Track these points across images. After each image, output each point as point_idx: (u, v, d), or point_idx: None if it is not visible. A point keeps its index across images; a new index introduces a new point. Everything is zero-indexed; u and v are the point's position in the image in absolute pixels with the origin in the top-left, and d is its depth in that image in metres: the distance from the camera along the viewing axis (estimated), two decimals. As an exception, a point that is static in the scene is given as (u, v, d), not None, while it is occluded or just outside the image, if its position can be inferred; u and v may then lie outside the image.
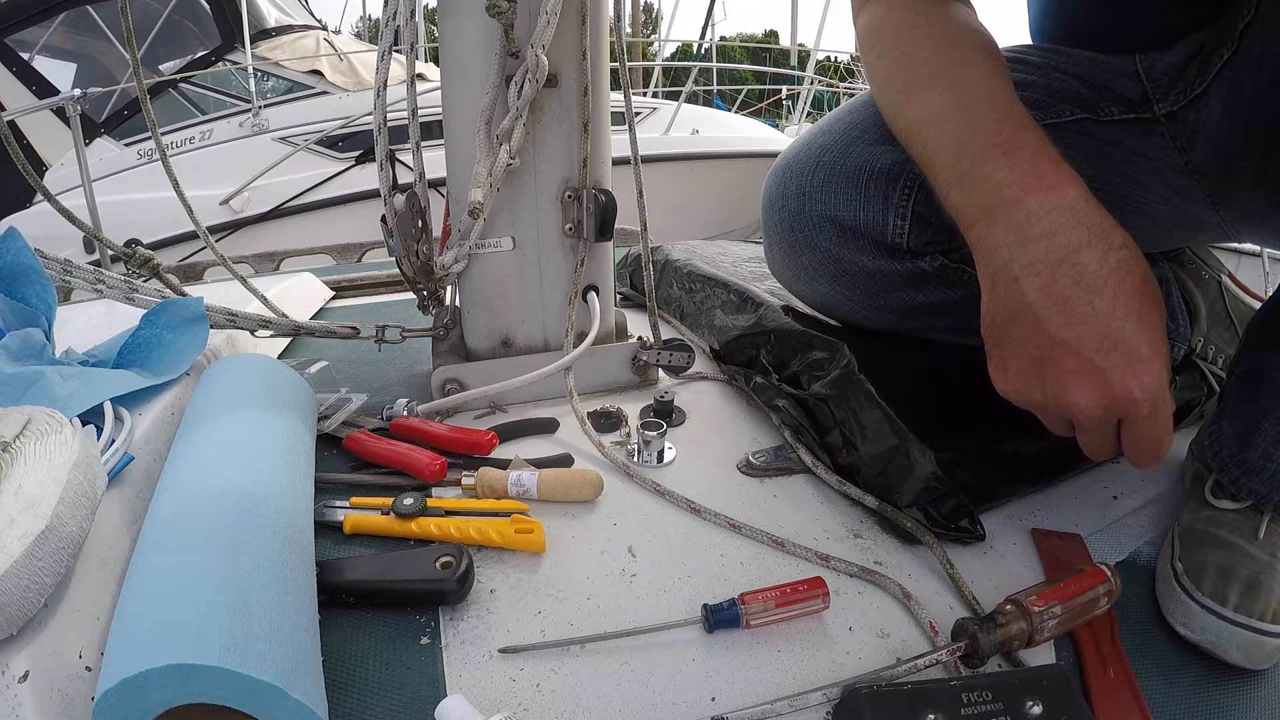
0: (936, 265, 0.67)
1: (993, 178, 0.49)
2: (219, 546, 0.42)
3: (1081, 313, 0.45)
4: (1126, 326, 0.44)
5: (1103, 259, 0.45)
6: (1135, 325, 0.44)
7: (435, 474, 0.64)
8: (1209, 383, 0.76)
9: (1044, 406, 0.49)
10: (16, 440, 0.45)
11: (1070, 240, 0.46)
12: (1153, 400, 0.45)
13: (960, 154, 0.51)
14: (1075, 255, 0.45)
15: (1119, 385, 0.45)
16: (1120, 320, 0.44)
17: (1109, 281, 0.45)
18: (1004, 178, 0.48)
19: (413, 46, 0.75)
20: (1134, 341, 0.44)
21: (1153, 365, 0.44)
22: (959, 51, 0.55)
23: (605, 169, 0.78)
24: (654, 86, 6.35)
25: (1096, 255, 0.45)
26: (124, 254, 0.84)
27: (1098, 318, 0.44)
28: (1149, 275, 0.45)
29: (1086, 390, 0.46)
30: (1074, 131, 0.63)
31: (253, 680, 0.35)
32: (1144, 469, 0.50)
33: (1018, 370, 0.49)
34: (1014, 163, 0.49)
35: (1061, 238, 0.46)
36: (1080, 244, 0.45)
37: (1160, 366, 0.44)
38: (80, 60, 4.46)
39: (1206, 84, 0.58)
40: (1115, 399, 0.45)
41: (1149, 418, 0.45)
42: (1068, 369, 0.46)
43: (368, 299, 1.29)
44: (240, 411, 0.58)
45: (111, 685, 0.34)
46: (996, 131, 0.50)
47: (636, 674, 0.47)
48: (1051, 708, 0.41)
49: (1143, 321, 0.44)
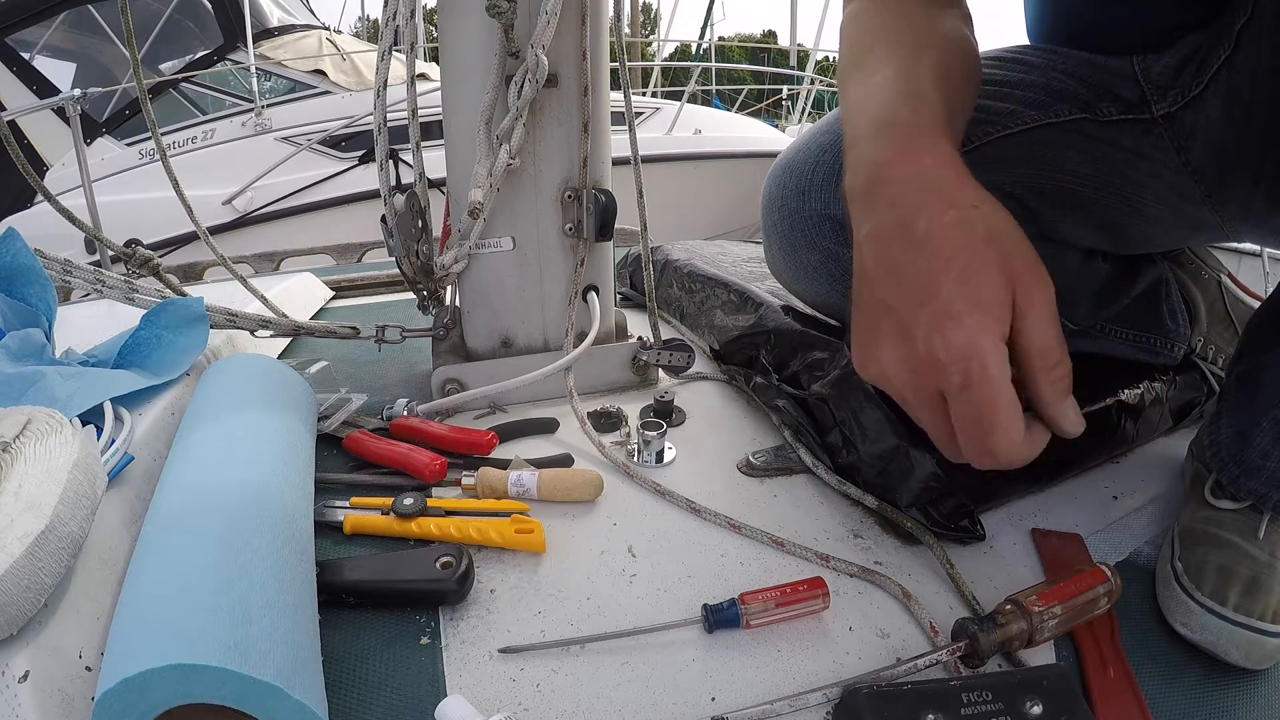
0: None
1: (870, 159, 0.45)
2: (219, 547, 0.42)
3: (904, 273, 0.41)
4: (945, 282, 0.39)
5: (938, 218, 0.40)
6: (955, 280, 0.39)
7: (435, 474, 0.64)
8: (1209, 383, 0.76)
9: (877, 379, 0.44)
10: (16, 440, 0.45)
11: (911, 204, 0.41)
12: (964, 367, 0.38)
13: (856, 139, 0.48)
14: (911, 217, 0.41)
15: (922, 345, 0.39)
16: (940, 276, 0.39)
17: (937, 238, 0.40)
18: (879, 157, 0.44)
19: (413, 46, 0.75)
20: (948, 298, 0.38)
21: (964, 323, 0.38)
22: (900, 32, 0.52)
23: (605, 169, 0.78)
24: (653, 86, 6.35)
25: (933, 215, 0.40)
26: (124, 254, 0.84)
27: (918, 276, 0.40)
28: (1000, 233, 0.40)
29: (890, 353, 0.41)
30: (1072, 131, 0.63)
31: (253, 680, 0.35)
32: (980, 465, 0.42)
33: (858, 345, 0.44)
34: (890, 141, 0.45)
35: (902, 204, 0.42)
36: (919, 207, 0.41)
37: (978, 327, 0.38)
38: (81, 60, 4.46)
39: (1204, 85, 0.58)
40: (919, 361, 0.40)
41: (963, 389, 0.39)
42: (884, 333, 0.41)
43: (368, 299, 1.29)
44: (240, 412, 0.58)
45: (112, 685, 0.34)
46: (892, 111, 0.46)
47: (636, 674, 0.47)
48: (1051, 708, 0.41)
49: (966, 277, 0.39)
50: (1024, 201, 0.65)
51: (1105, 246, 0.71)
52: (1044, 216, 0.66)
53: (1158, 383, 0.72)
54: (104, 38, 4.33)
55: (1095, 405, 0.69)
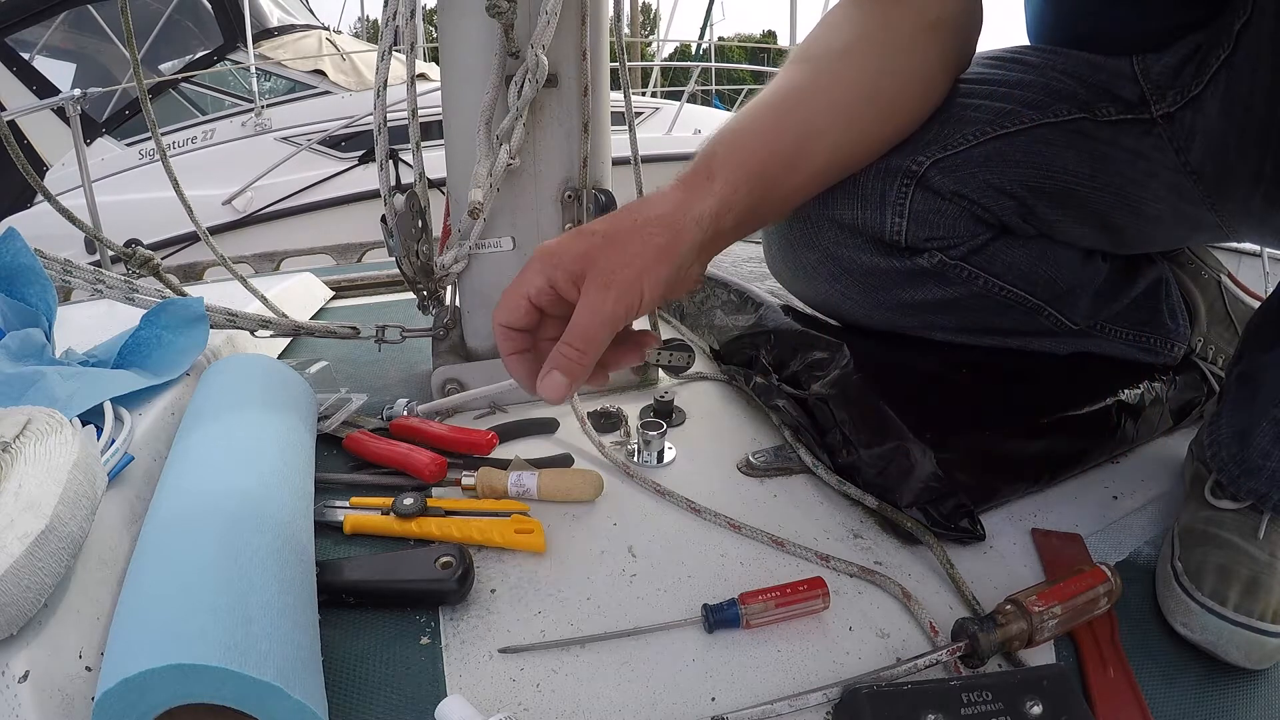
0: (935, 262, 0.67)
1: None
2: (219, 547, 0.42)
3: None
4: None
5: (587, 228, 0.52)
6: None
7: (435, 474, 0.64)
8: (1209, 383, 0.76)
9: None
10: (16, 440, 0.45)
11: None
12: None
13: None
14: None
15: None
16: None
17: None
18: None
19: (413, 46, 0.75)
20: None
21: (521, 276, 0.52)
22: (748, 135, 0.59)
23: (605, 169, 0.78)
24: (653, 86, 6.35)
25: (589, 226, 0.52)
26: (124, 254, 0.84)
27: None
28: (577, 252, 0.50)
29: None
30: (1071, 131, 0.63)
31: (253, 680, 0.35)
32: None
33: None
34: (659, 193, 0.54)
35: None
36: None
37: (519, 282, 0.52)
38: (80, 60, 4.46)
39: (1203, 85, 0.58)
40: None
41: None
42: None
43: (368, 299, 1.29)
44: (240, 412, 0.58)
45: (112, 685, 0.34)
46: (671, 187, 0.54)
47: (636, 674, 0.47)
48: (1051, 708, 0.41)
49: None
50: (1023, 201, 0.65)
51: (1104, 246, 0.71)
52: (1043, 216, 0.66)
53: (1158, 383, 0.72)
54: (104, 38, 4.33)
55: (1095, 405, 0.69)
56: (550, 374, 0.50)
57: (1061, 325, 0.71)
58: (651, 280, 0.50)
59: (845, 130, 0.61)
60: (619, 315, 0.49)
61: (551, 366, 0.50)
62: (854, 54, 0.61)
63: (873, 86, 0.61)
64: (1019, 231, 0.67)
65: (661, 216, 0.51)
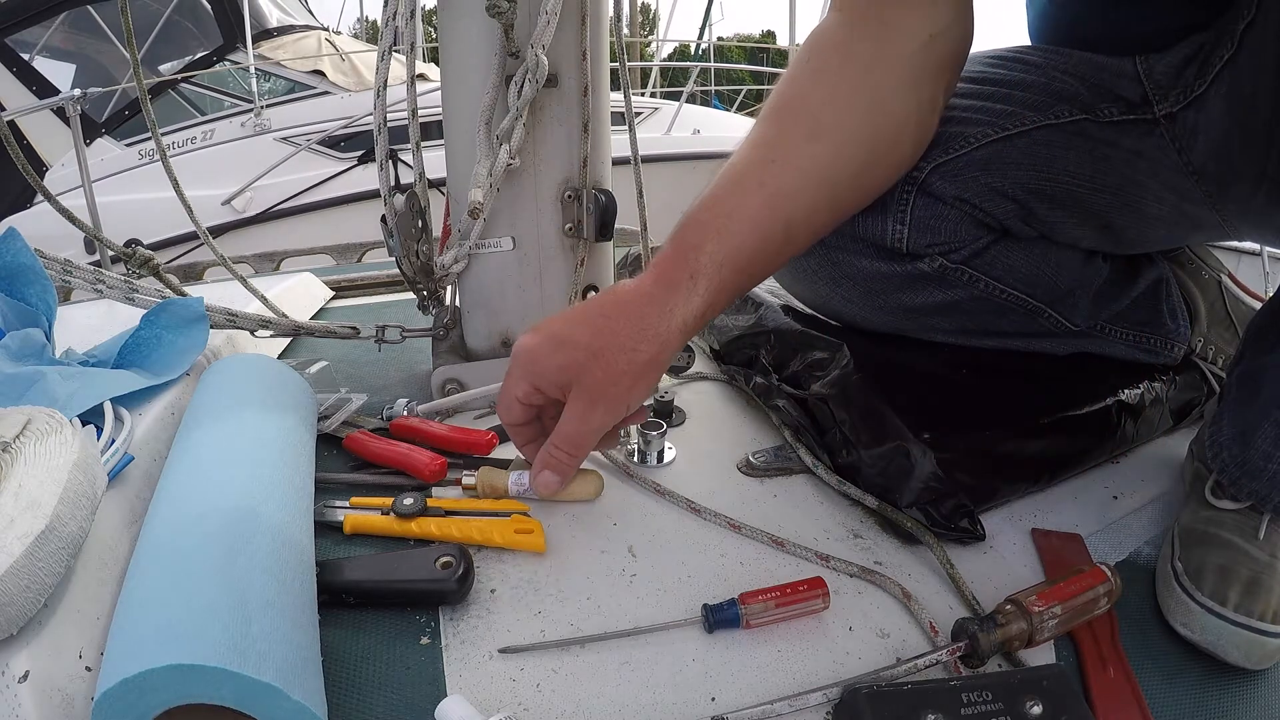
0: (936, 267, 0.67)
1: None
2: (218, 547, 0.42)
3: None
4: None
5: (553, 323, 0.55)
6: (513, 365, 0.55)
7: (435, 474, 0.64)
8: (1209, 383, 0.76)
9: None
10: (16, 440, 0.45)
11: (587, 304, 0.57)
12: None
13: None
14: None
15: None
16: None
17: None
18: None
19: (413, 46, 0.75)
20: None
21: (505, 385, 0.55)
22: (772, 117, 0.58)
23: (605, 169, 0.78)
24: (651, 87, 6.35)
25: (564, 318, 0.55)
26: (124, 254, 0.84)
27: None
28: (556, 364, 0.52)
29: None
30: (1072, 133, 0.63)
31: (252, 681, 0.35)
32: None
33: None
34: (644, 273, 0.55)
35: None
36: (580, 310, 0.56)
37: (508, 397, 0.55)
38: (80, 60, 4.46)
39: (1206, 85, 0.58)
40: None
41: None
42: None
43: (368, 299, 1.29)
44: (240, 412, 0.58)
45: (111, 685, 0.34)
46: (661, 258, 0.55)
47: (636, 674, 0.47)
48: (1051, 708, 0.41)
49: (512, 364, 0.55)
50: (1024, 203, 0.65)
51: (1105, 247, 0.71)
52: (1044, 217, 0.66)
53: (1158, 383, 0.72)
54: (103, 38, 4.33)
55: (1095, 405, 0.69)
56: (542, 473, 0.54)
57: (1062, 326, 0.71)
58: (638, 394, 0.53)
59: (841, 199, 0.60)
60: (606, 425, 0.52)
61: (542, 466, 0.54)
62: (846, 107, 0.57)
63: (871, 140, 0.58)
64: (1019, 234, 0.67)
65: (645, 329, 0.52)
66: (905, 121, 0.59)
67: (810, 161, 0.56)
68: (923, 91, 0.59)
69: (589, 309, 0.54)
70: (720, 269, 0.53)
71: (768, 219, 0.55)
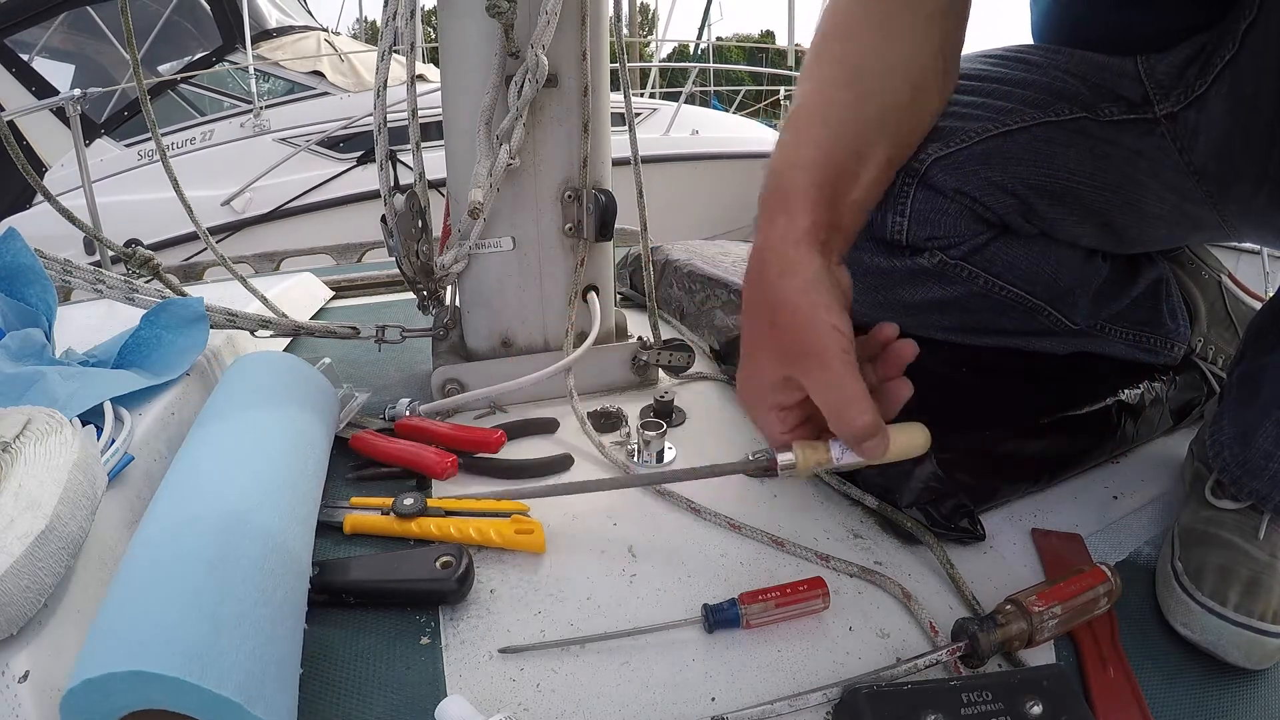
0: (936, 262, 0.67)
1: (761, 199, 0.53)
2: (205, 554, 0.42)
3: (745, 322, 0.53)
4: (743, 350, 0.53)
5: (752, 297, 0.52)
6: (745, 357, 0.52)
7: (446, 472, 0.65)
8: (1209, 383, 0.76)
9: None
10: (16, 440, 0.45)
11: (755, 273, 0.52)
12: (749, 413, 0.54)
13: (771, 163, 0.54)
14: (751, 281, 0.52)
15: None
16: (744, 343, 0.53)
17: (748, 315, 0.52)
18: (762, 208, 0.53)
19: (413, 47, 0.75)
20: (744, 363, 0.53)
21: (744, 386, 0.53)
22: (849, 62, 0.56)
23: (605, 169, 0.78)
24: (650, 87, 6.35)
25: (752, 292, 0.52)
26: (124, 254, 0.84)
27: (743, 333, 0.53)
28: (786, 324, 0.49)
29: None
30: (1072, 129, 0.63)
31: (212, 694, 0.35)
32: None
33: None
34: (770, 198, 0.53)
35: (753, 266, 0.52)
36: (757, 277, 0.51)
37: (752, 398, 0.53)
38: (79, 61, 4.46)
39: (1208, 84, 0.58)
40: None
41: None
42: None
43: (368, 299, 1.29)
44: (253, 414, 0.58)
45: (75, 684, 0.34)
46: (785, 172, 0.52)
47: (636, 674, 0.47)
48: (1051, 708, 0.41)
49: (749, 355, 0.52)
50: (1024, 198, 0.65)
51: (1105, 245, 0.71)
52: (1044, 214, 0.66)
53: (1158, 383, 0.72)
54: (102, 39, 4.33)
55: (1095, 405, 0.69)
56: (861, 449, 0.49)
57: (1061, 325, 0.71)
58: (826, 318, 0.48)
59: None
60: (851, 369, 0.47)
61: (856, 446, 0.49)
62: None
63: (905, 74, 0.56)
64: (1020, 230, 0.67)
65: (765, 272, 0.50)
66: (930, 62, 0.58)
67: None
68: (934, 45, 0.57)
69: (745, 301, 0.53)
70: (809, 188, 0.52)
71: (842, 138, 0.54)
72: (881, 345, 0.52)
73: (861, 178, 0.54)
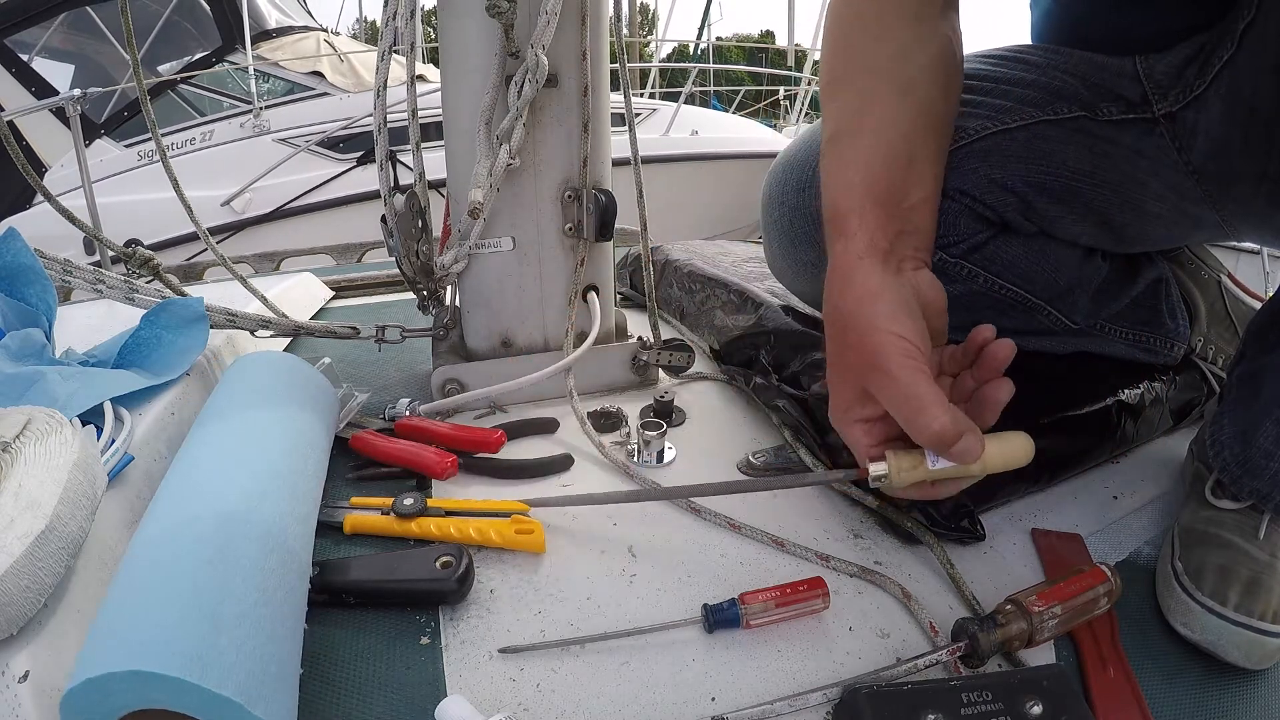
0: (935, 260, 0.67)
1: (828, 222, 0.56)
2: (204, 553, 0.42)
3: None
4: (829, 370, 0.54)
5: (832, 320, 0.54)
6: (831, 376, 0.54)
7: (446, 472, 0.65)
8: (1209, 383, 0.76)
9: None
10: (16, 440, 0.45)
11: (832, 300, 0.54)
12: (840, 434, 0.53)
13: (826, 181, 0.56)
14: (830, 308, 0.54)
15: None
16: (828, 365, 0.54)
17: (830, 338, 0.54)
18: (829, 238, 0.55)
19: (413, 47, 0.75)
20: (830, 386, 0.54)
21: (833, 404, 0.53)
22: (879, 71, 0.57)
23: (605, 169, 0.78)
24: (650, 87, 6.35)
25: (831, 314, 0.54)
26: (124, 254, 0.84)
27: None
28: (858, 345, 0.50)
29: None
30: (1071, 128, 0.63)
31: (212, 694, 0.35)
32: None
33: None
34: (834, 234, 0.55)
35: (830, 296, 0.54)
36: (834, 301, 0.54)
37: (839, 413, 0.52)
38: (79, 61, 4.46)
39: (1206, 84, 0.58)
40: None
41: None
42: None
43: (368, 299, 1.29)
44: (252, 413, 0.58)
45: (75, 684, 0.34)
46: (844, 207, 0.54)
47: (636, 674, 0.47)
48: (1051, 708, 0.41)
49: (833, 378, 0.53)
50: (1024, 196, 0.65)
51: (1105, 244, 0.71)
52: (1044, 212, 0.66)
53: (1158, 383, 0.72)
54: (102, 39, 4.32)
55: (1095, 405, 0.69)
56: (949, 455, 0.47)
57: (1061, 324, 0.71)
58: (885, 326, 0.48)
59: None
60: (915, 374, 0.47)
61: (943, 453, 0.47)
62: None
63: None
64: (1019, 228, 0.67)
65: (830, 292, 0.53)
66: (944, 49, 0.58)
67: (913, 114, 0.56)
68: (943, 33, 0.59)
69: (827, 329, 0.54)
70: (863, 205, 0.53)
71: (886, 146, 0.55)
72: (979, 348, 0.51)
73: (918, 177, 0.55)
